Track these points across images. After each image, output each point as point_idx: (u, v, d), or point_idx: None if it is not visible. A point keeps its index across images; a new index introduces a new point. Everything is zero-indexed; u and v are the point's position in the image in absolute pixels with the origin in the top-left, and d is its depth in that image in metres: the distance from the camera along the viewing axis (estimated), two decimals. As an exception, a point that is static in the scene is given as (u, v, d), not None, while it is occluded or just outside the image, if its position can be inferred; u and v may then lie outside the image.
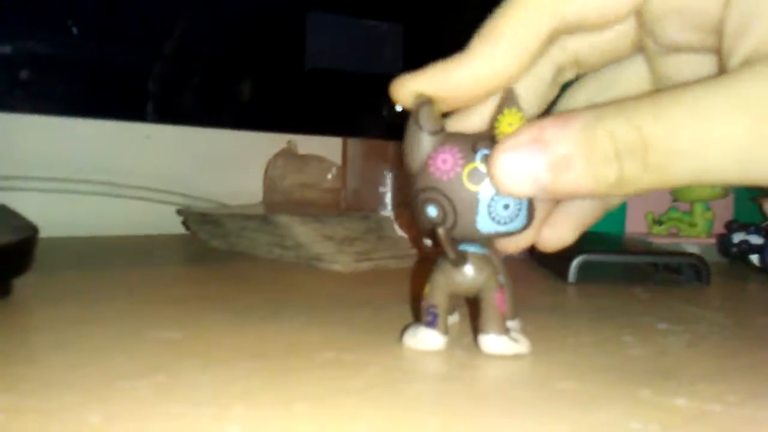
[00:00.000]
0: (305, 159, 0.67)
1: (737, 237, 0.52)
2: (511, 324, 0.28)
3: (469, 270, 0.25)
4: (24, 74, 0.39)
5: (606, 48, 0.25)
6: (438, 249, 0.24)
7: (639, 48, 0.25)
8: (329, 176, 0.66)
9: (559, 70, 0.26)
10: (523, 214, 0.24)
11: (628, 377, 0.23)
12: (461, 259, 0.25)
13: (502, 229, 0.23)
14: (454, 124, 0.26)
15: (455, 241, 0.25)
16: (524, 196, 0.22)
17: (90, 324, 0.28)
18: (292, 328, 0.28)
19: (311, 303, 0.34)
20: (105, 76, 0.42)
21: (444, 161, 0.23)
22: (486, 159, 0.23)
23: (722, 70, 0.20)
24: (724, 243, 0.53)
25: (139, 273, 0.42)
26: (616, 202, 0.29)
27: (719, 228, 0.58)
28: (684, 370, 0.25)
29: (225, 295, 0.36)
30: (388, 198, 0.61)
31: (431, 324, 0.25)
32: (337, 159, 0.69)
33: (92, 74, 0.41)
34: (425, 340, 0.25)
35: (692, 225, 0.59)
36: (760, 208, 0.57)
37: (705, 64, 0.23)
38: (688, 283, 0.44)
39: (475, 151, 0.23)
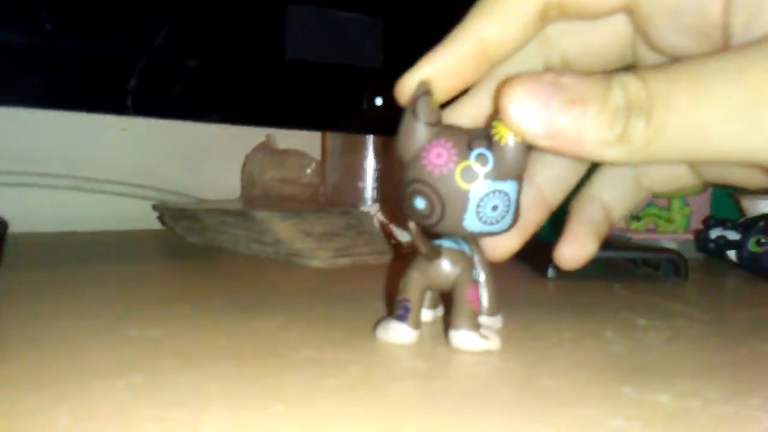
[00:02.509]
0: (284, 154, 0.66)
1: (714, 233, 0.53)
2: (494, 320, 0.28)
3: (443, 264, 0.25)
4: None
5: (596, 50, 0.25)
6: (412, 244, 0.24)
7: (631, 58, 0.25)
8: (308, 171, 0.66)
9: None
10: (510, 216, 0.24)
11: (610, 374, 0.23)
12: (433, 253, 0.24)
13: (487, 229, 0.23)
14: (450, 116, 0.25)
15: (438, 236, 0.25)
16: (531, 136, 0.20)
17: (65, 320, 0.27)
18: (272, 326, 0.28)
19: (290, 300, 0.34)
20: (81, 67, 0.41)
21: (438, 155, 0.23)
22: (481, 159, 0.22)
23: None
24: (701, 239, 0.54)
25: (115, 269, 0.41)
26: (617, 215, 0.29)
27: (697, 224, 0.58)
28: (665, 366, 0.25)
29: (204, 292, 0.35)
30: (368, 193, 0.61)
31: (402, 318, 0.25)
32: (316, 153, 0.68)
33: (67, 66, 0.40)
34: (396, 333, 0.25)
35: (670, 221, 0.60)
36: (738, 204, 0.57)
37: None
38: (666, 278, 0.44)
39: (470, 149, 0.23)
